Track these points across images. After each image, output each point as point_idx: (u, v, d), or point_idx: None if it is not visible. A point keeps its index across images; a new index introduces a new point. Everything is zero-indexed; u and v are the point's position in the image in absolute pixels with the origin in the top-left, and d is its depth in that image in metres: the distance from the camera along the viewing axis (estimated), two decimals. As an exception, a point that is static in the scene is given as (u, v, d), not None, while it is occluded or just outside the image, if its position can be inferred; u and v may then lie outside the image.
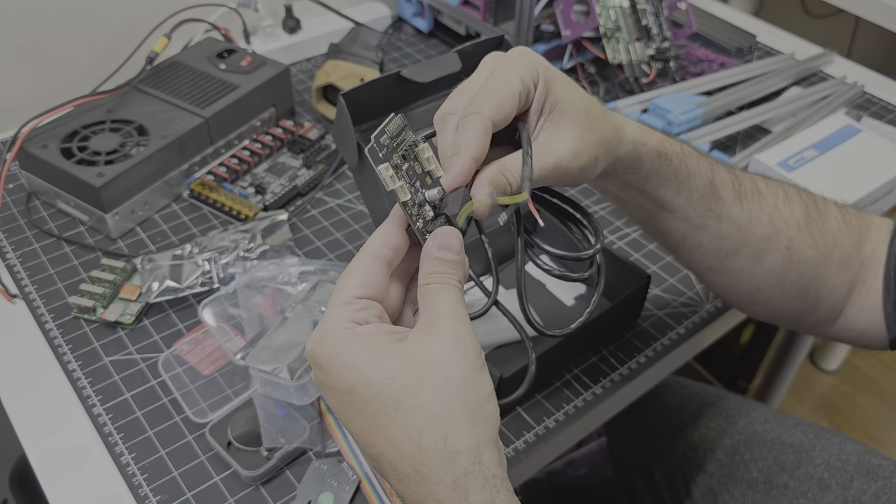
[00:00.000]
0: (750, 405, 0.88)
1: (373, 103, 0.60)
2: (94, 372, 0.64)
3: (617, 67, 0.97)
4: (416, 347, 0.38)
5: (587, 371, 0.66)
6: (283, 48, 1.00)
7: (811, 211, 0.58)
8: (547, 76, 0.46)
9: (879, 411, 1.62)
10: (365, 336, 0.39)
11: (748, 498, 0.79)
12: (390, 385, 0.37)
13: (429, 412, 0.37)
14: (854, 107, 0.98)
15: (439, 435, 0.37)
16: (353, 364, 0.38)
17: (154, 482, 0.57)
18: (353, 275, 0.41)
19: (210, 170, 0.81)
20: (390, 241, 0.42)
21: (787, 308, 0.60)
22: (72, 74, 0.92)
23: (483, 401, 0.38)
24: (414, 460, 0.37)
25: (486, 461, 0.37)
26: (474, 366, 0.39)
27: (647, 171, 0.52)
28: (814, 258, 0.57)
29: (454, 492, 0.37)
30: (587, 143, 0.46)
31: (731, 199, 0.55)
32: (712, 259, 0.58)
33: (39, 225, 0.77)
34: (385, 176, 0.40)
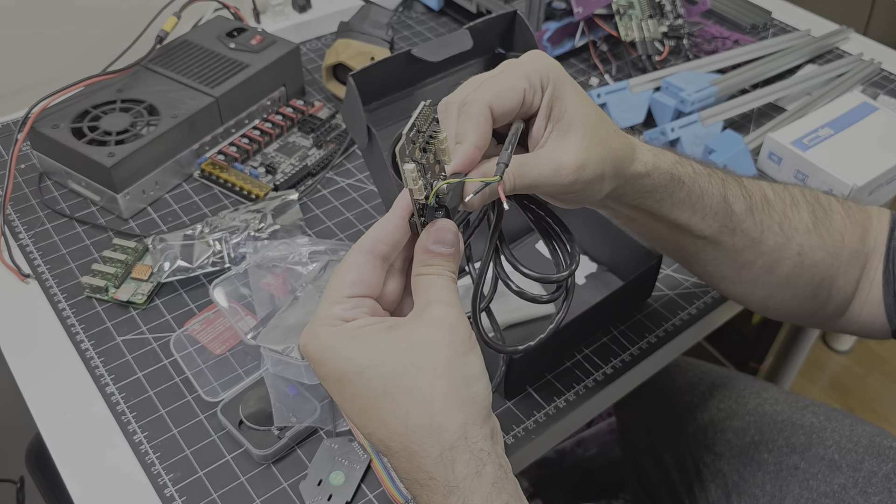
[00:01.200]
0: (761, 386, 0.88)
1: (383, 83, 0.59)
2: (107, 351, 0.65)
3: (629, 45, 0.96)
4: (405, 333, 0.40)
5: (598, 352, 0.66)
6: (292, 27, 1.00)
7: (817, 211, 0.58)
8: (558, 82, 0.45)
9: (892, 392, 1.62)
10: (353, 329, 0.40)
11: (758, 479, 0.79)
12: (379, 370, 0.39)
13: (416, 394, 0.39)
14: (870, 84, 0.97)
15: (426, 414, 0.38)
16: (344, 354, 0.39)
17: (166, 460, 0.58)
18: (345, 272, 0.41)
19: (220, 150, 0.81)
20: (387, 237, 0.42)
21: (799, 309, 0.61)
22: (81, 54, 0.92)
23: (470, 382, 0.39)
24: (403, 438, 0.39)
25: (473, 436, 0.39)
26: (461, 349, 0.39)
27: (661, 195, 0.51)
28: (824, 260, 0.57)
29: (440, 464, 0.38)
30: (593, 158, 0.45)
31: (743, 212, 0.55)
32: (726, 270, 0.58)
33: (51, 205, 0.77)
34: (409, 177, 0.39)
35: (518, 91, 0.44)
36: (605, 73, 0.97)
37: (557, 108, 0.45)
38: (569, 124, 0.45)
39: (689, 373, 0.92)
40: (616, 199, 0.51)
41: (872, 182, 0.77)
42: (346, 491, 0.56)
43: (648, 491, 0.93)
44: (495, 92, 0.43)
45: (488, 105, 0.43)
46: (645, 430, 0.93)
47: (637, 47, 0.95)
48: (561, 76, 0.46)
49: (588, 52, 0.99)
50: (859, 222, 0.59)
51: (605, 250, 0.73)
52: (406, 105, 0.62)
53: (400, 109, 0.51)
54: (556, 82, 0.45)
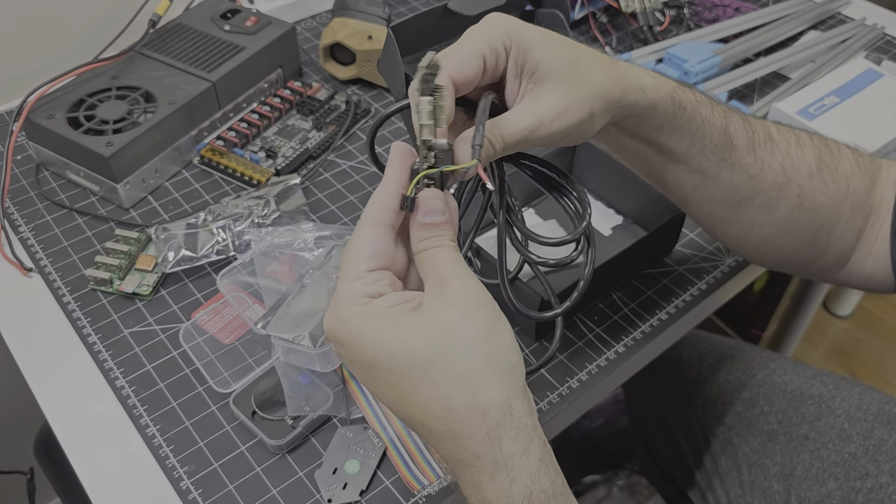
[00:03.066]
0: (769, 357, 0.88)
1: (420, 35, 0.60)
2: (115, 344, 0.64)
3: (630, 16, 0.95)
4: (432, 313, 0.39)
5: (609, 330, 0.66)
6: (286, 6, 0.98)
7: (824, 155, 0.57)
8: (522, 39, 0.45)
9: (894, 356, 1.63)
10: (381, 309, 0.39)
11: (768, 449, 0.79)
12: (412, 353, 0.38)
13: (454, 374, 0.38)
14: (874, 50, 0.96)
15: (468, 393, 0.38)
16: (374, 338, 0.38)
17: (180, 453, 0.57)
18: (361, 246, 0.40)
19: (219, 135, 0.80)
20: (390, 204, 0.41)
21: (796, 255, 0.60)
22: (72, 41, 0.90)
23: (506, 353, 0.39)
24: (446, 420, 0.38)
25: (517, 412, 0.38)
26: (490, 320, 0.39)
27: (660, 120, 0.51)
28: (825, 204, 0.56)
29: (487, 444, 0.38)
30: (575, 100, 0.45)
31: (744, 147, 0.54)
32: (724, 209, 0.57)
33: (50, 196, 0.76)
34: (426, 109, 0.39)
35: (477, 57, 0.44)
36: (605, 46, 0.95)
37: (528, 63, 0.45)
38: (544, 74, 0.45)
39: (696, 345, 0.92)
40: (613, 127, 0.51)
41: (880, 150, 0.77)
42: (361, 479, 0.56)
43: (658, 463, 0.94)
44: (454, 62, 0.43)
45: (449, 77, 0.43)
46: (654, 402, 0.93)
47: (638, 18, 0.94)
48: (523, 32, 0.45)
49: (587, 24, 0.98)
50: (868, 172, 0.58)
51: (630, 203, 0.74)
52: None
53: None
54: (519, 39, 0.45)
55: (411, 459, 0.57)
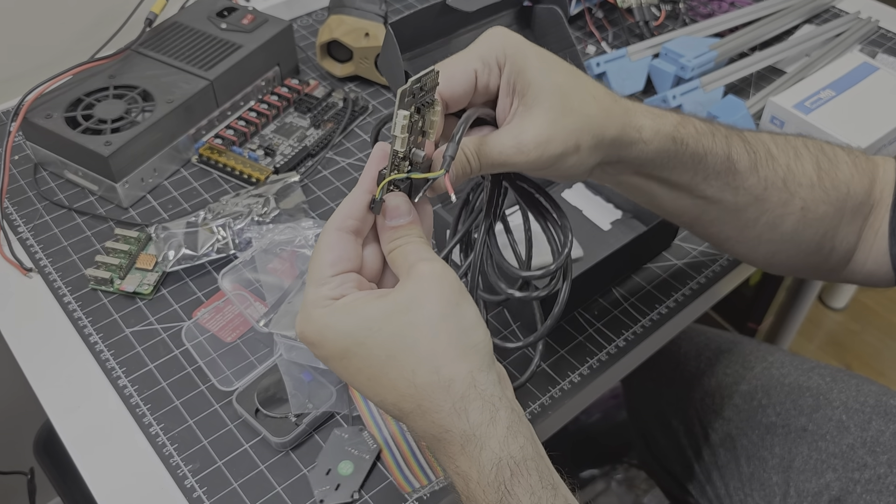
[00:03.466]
0: (766, 350, 0.88)
1: (419, 32, 0.60)
2: (116, 344, 0.64)
3: (626, 11, 0.95)
4: (396, 296, 0.40)
5: (609, 324, 0.66)
6: (282, 3, 0.98)
7: (822, 162, 0.57)
8: (517, 57, 0.44)
9: (888, 347, 1.64)
10: (345, 304, 0.40)
11: (767, 442, 0.80)
12: (378, 336, 0.39)
13: (418, 352, 0.39)
14: (868, 43, 0.96)
15: (431, 369, 0.39)
16: (342, 330, 0.40)
17: (184, 452, 0.57)
18: (324, 252, 0.42)
19: (217, 133, 0.80)
20: (355, 212, 0.42)
21: (804, 263, 0.60)
22: (68, 40, 0.90)
23: (468, 331, 0.40)
24: (413, 397, 0.39)
25: (482, 383, 0.39)
26: (453, 300, 0.40)
27: (663, 160, 0.50)
28: (828, 213, 0.57)
29: (454, 415, 0.39)
30: (560, 130, 0.44)
31: (747, 170, 0.54)
32: (730, 230, 0.57)
33: (48, 196, 0.76)
34: (401, 122, 0.39)
35: (468, 73, 0.44)
36: (601, 41, 0.95)
37: (520, 83, 0.44)
38: (534, 97, 0.44)
39: (694, 339, 0.92)
40: (612, 167, 0.50)
41: (876, 143, 0.77)
42: (354, 481, 0.56)
43: (657, 456, 0.94)
44: (444, 76, 0.43)
45: (438, 92, 0.43)
46: (652, 396, 0.93)
47: (634, 13, 0.94)
48: (520, 49, 0.45)
49: (583, 20, 0.98)
50: (867, 172, 0.58)
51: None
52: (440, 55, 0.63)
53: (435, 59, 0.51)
54: (515, 57, 0.44)
55: (404, 462, 0.57)
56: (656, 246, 0.71)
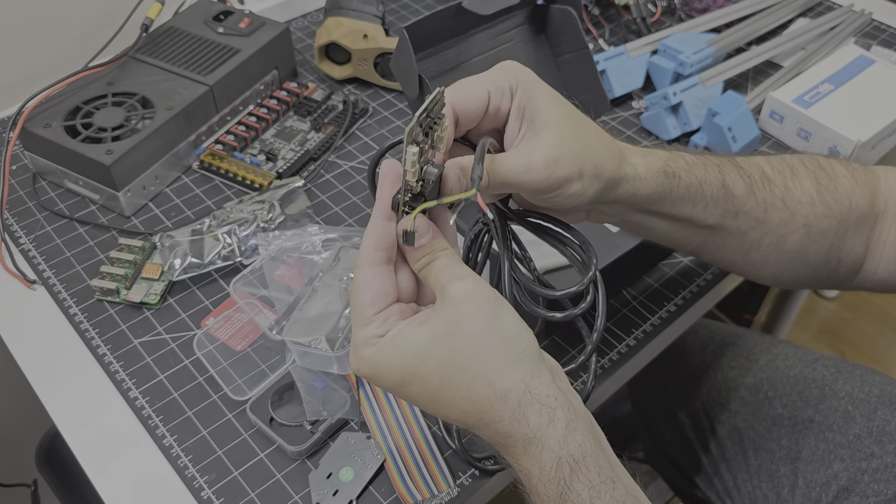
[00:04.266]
0: (770, 342, 0.89)
1: (433, 35, 0.60)
2: (125, 355, 0.64)
3: (622, 8, 0.95)
4: (436, 322, 0.42)
5: (619, 324, 0.67)
6: (277, 6, 0.97)
7: (820, 178, 0.58)
8: (528, 85, 0.46)
9: (882, 334, 1.65)
10: (391, 339, 0.42)
11: (774, 434, 0.80)
12: (428, 363, 0.41)
13: (469, 372, 0.41)
14: (863, 35, 0.97)
15: (485, 384, 0.41)
16: (395, 364, 0.42)
17: (199, 463, 0.57)
18: (361, 293, 0.43)
19: (218, 139, 0.79)
20: (381, 243, 0.43)
21: (812, 278, 0.61)
22: (63, 47, 0.89)
23: (513, 340, 0.42)
24: (474, 413, 0.42)
25: (535, 387, 0.41)
26: (491, 313, 0.41)
27: (658, 196, 0.51)
28: (831, 227, 0.57)
29: (514, 423, 0.41)
30: (568, 154, 0.45)
31: (744, 194, 0.55)
32: (735, 255, 0.58)
33: (49, 206, 0.75)
34: (410, 159, 0.40)
35: (482, 92, 0.45)
36: (598, 38, 0.95)
37: (529, 110, 0.46)
38: (543, 123, 0.46)
39: (698, 333, 0.92)
40: (610, 206, 0.51)
41: (876, 136, 0.78)
42: (353, 488, 0.55)
43: (664, 450, 0.95)
44: (458, 93, 0.45)
45: (451, 105, 0.44)
46: (658, 390, 0.94)
47: (631, 10, 0.94)
48: (531, 79, 0.46)
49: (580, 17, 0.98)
50: (867, 184, 0.59)
51: None
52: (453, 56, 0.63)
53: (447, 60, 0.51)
54: (526, 84, 0.46)
55: (408, 473, 0.56)
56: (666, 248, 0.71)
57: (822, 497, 0.74)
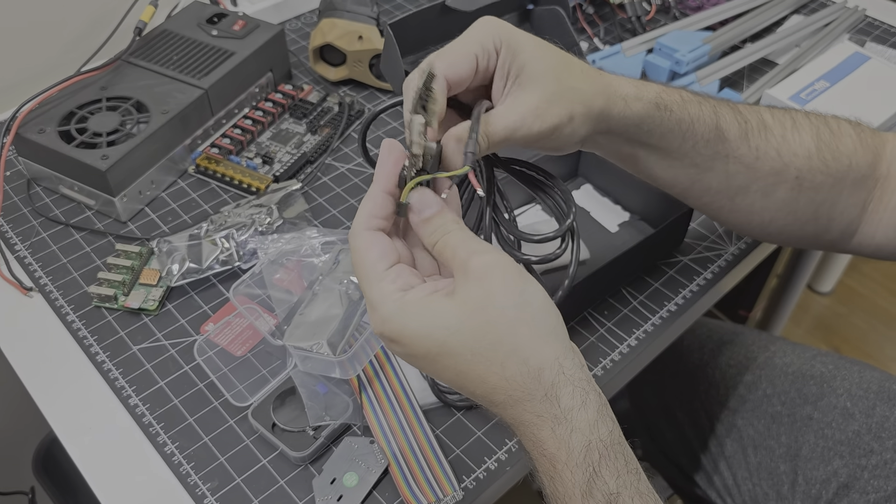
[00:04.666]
0: (768, 339, 0.89)
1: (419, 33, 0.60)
2: (124, 362, 0.63)
3: (617, 7, 0.95)
4: (465, 295, 0.40)
5: (620, 324, 0.66)
6: (271, 7, 0.96)
7: (823, 134, 0.57)
8: (511, 42, 0.46)
9: (875, 329, 1.66)
10: (418, 302, 0.41)
11: (773, 431, 0.80)
12: (459, 337, 0.40)
13: (503, 347, 0.40)
14: (856, 32, 0.97)
15: (520, 361, 0.40)
16: (421, 331, 0.40)
17: (202, 470, 0.57)
18: (366, 252, 0.42)
19: (213, 142, 0.79)
20: (378, 211, 0.43)
21: (801, 232, 0.61)
22: (56, 52, 0.88)
23: (544, 315, 0.41)
24: (505, 389, 0.40)
25: (568, 368, 0.41)
26: (519, 286, 0.41)
27: (648, 126, 0.52)
28: (825, 182, 0.57)
29: (546, 402, 0.40)
30: (556, 102, 0.46)
31: (737, 139, 0.55)
32: (722, 199, 0.58)
33: (44, 212, 0.74)
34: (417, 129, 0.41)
35: (470, 56, 0.46)
36: (593, 37, 0.95)
37: (515, 66, 0.46)
38: (528, 77, 0.46)
39: (696, 331, 0.93)
40: (604, 136, 0.52)
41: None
42: (357, 494, 0.55)
43: (663, 448, 0.95)
44: (447, 62, 0.45)
45: (443, 76, 0.44)
46: (656, 389, 0.94)
47: (626, 8, 0.94)
48: (513, 35, 0.47)
49: (575, 16, 0.98)
50: (871, 147, 0.59)
51: (637, 199, 0.74)
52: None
53: None
54: (509, 41, 0.46)
55: (412, 477, 0.56)
56: (665, 247, 0.71)
57: (822, 494, 0.75)
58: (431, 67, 0.44)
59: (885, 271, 1.76)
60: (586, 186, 0.77)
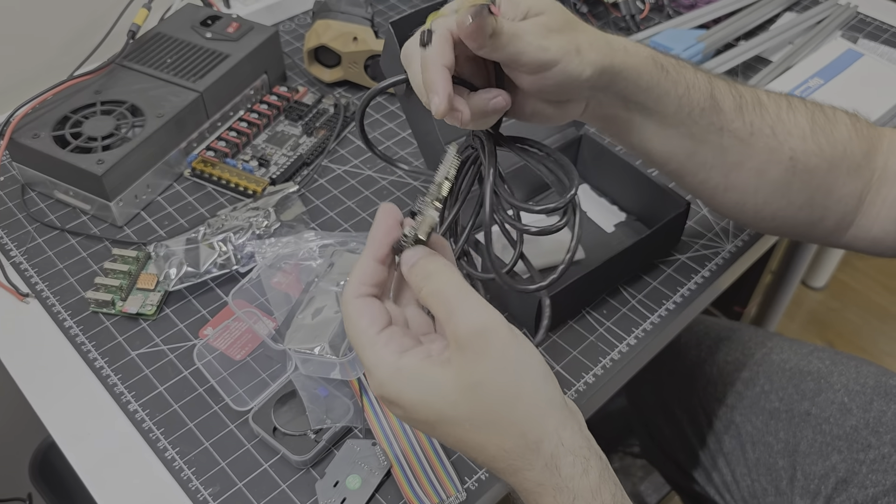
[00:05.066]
0: (764, 335, 0.90)
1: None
2: (123, 367, 0.63)
3: (611, 5, 0.95)
4: (460, 368, 0.40)
5: (619, 323, 0.67)
6: (264, 9, 0.96)
7: (818, 118, 0.58)
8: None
9: (868, 323, 1.67)
10: (413, 368, 0.41)
11: (771, 427, 0.81)
12: (456, 409, 0.40)
13: (501, 424, 0.40)
14: (849, 29, 0.97)
15: (518, 434, 0.40)
16: (418, 399, 0.41)
17: (203, 475, 0.57)
18: (355, 320, 0.42)
19: (209, 145, 0.78)
20: (367, 278, 0.43)
21: (795, 219, 0.61)
22: (49, 56, 0.87)
23: (540, 387, 0.41)
24: (504, 459, 0.41)
25: (567, 438, 0.40)
26: (515, 357, 0.40)
27: (647, 81, 0.52)
28: (819, 166, 0.57)
29: (546, 472, 0.40)
30: (566, 28, 0.47)
31: (732, 111, 0.55)
32: (717, 176, 0.58)
33: (39, 218, 0.74)
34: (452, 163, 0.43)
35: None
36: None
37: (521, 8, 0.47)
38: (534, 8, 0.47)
39: (693, 328, 0.93)
40: (604, 93, 0.52)
41: (867, 129, 0.78)
42: (360, 496, 0.55)
43: (661, 445, 0.95)
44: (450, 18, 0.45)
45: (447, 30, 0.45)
46: (654, 387, 0.94)
47: (620, 7, 0.94)
48: None
49: (568, 15, 0.98)
50: (866, 138, 0.59)
51: (634, 200, 0.75)
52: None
53: None
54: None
55: (415, 479, 0.56)
56: (663, 246, 0.71)
57: (821, 489, 0.75)
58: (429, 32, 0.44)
59: (878, 266, 1.77)
60: (583, 187, 0.77)
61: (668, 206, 0.69)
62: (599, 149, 0.74)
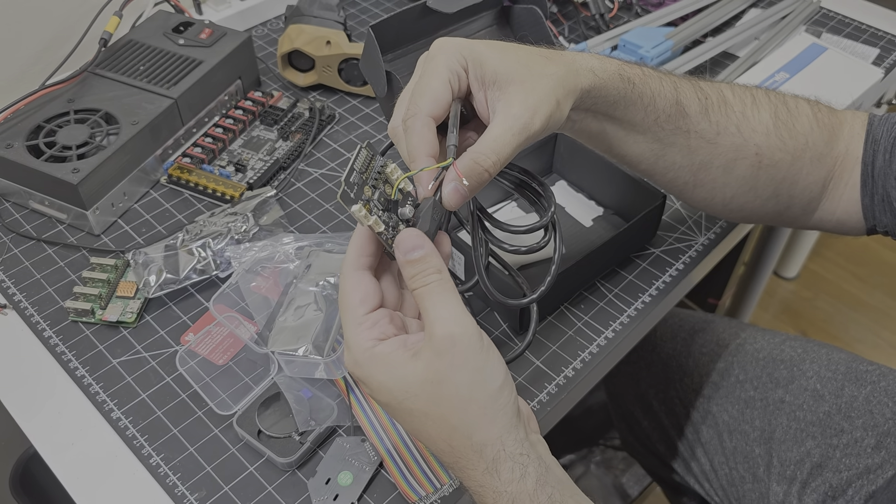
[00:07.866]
0: (738, 326, 0.91)
1: (399, 34, 0.61)
2: (105, 376, 0.63)
3: (580, 5, 0.96)
4: (426, 363, 0.43)
5: (596, 317, 0.68)
6: (236, 14, 0.96)
7: (780, 113, 0.60)
8: (473, 55, 0.48)
9: (840, 312, 1.70)
10: (385, 357, 0.44)
11: (746, 416, 0.83)
12: (416, 402, 0.44)
13: (451, 420, 0.43)
14: (812, 23, 1.00)
15: (464, 436, 0.44)
16: (384, 385, 0.44)
17: (189, 480, 0.57)
18: (350, 293, 0.45)
19: (185, 152, 0.78)
20: (364, 249, 0.46)
21: (762, 209, 0.63)
22: (20, 65, 0.87)
23: (495, 394, 0.44)
24: (451, 455, 0.45)
25: (510, 445, 0.44)
26: (479, 364, 0.43)
27: (614, 96, 0.53)
28: (783, 160, 0.59)
29: (487, 475, 0.44)
30: (541, 94, 0.48)
31: (697, 114, 0.57)
32: (686, 175, 0.60)
33: (14, 228, 0.74)
34: (359, 216, 0.43)
35: (445, 85, 0.47)
36: (558, 36, 0.97)
37: (487, 76, 0.48)
38: (504, 81, 0.47)
39: (668, 321, 0.94)
40: (576, 112, 0.53)
41: (832, 122, 0.80)
42: (352, 492, 0.56)
43: (640, 438, 0.97)
44: (430, 100, 0.47)
45: (427, 115, 0.47)
46: (631, 380, 0.95)
47: (589, 6, 0.96)
48: (473, 48, 0.48)
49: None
50: (828, 126, 0.61)
51: (610, 194, 0.76)
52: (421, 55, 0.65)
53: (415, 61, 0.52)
54: (472, 56, 0.48)
55: (408, 470, 0.57)
56: (638, 241, 0.72)
57: (797, 475, 0.77)
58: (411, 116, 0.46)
59: (847, 255, 1.81)
60: (560, 182, 0.79)
61: (645, 199, 0.70)
62: (574, 146, 0.75)
